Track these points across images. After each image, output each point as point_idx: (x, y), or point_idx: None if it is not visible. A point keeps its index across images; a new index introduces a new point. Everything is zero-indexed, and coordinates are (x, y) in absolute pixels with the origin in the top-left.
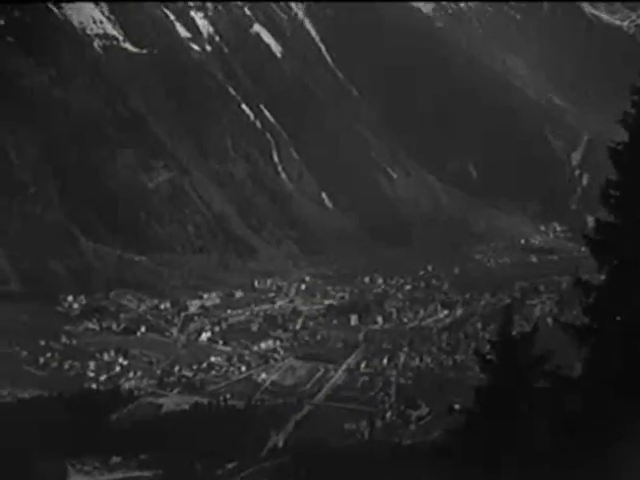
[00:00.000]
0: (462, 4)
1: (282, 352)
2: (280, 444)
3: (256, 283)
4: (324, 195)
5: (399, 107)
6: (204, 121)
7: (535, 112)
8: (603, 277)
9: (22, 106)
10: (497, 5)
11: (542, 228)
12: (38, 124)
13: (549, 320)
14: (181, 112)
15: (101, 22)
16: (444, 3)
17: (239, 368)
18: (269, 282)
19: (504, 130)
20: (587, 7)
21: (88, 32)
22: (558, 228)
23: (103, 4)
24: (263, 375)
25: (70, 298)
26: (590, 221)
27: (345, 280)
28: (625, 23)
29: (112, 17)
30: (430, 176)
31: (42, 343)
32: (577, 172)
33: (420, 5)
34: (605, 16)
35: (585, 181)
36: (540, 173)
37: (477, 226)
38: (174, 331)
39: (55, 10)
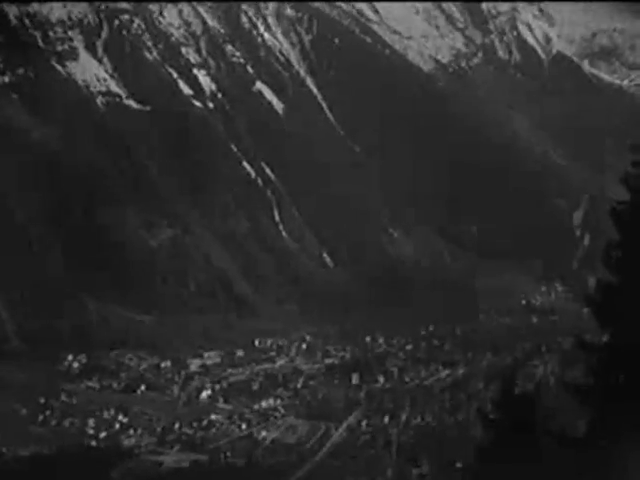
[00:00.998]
0: (463, 63)
1: (283, 410)
2: None
3: (257, 342)
4: (325, 254)
5: (401, 166)
6: (206, 178)
7: (537, 171)
8: (605, 338)
9: (26, 163)
10: (499, 64)
11: (544, 288)
12: (42, 181)
13: (551, 380)
14: (183, 169)
15: (105, 79)
16: (445, 62)
17: (239, 426)
18: (270, 341)
19: (506, 189)
20: (587, 66)
21: (92, 89)
22: (560, 288)
23: (107, 63)
24: (264, 433)
25: (70, 357)
26: (592, 281)
27: (346, 339)
28: (625, 82)
29: (115, 75)
30: (432, 235)
31: (42, 401)
32: (579, 232)
33: (421, 64)
34: (605, 75)
35: (587, 241)
36: (541, 233)
37: (479, 285)
38: (175, 389)
39: (59, 68)
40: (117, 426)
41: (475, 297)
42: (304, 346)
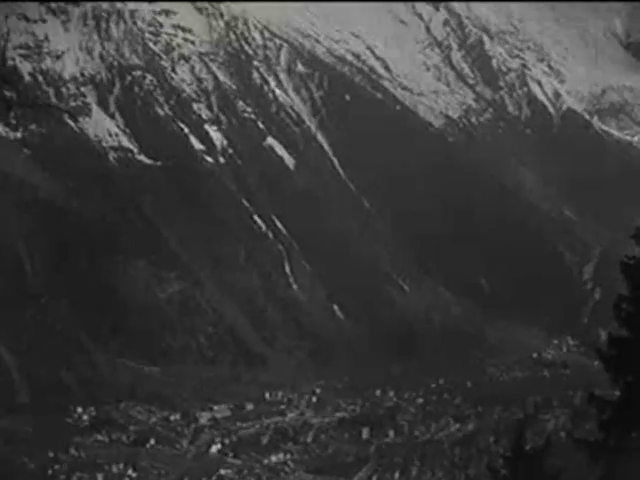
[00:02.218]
0: (473, 119)
1: (292, 465)
2: None
3: (267, 395)
4: (335, 306)
5: (411, 219)
6: (217, 232)
7: (547, 225)
8: (617, 392)
9: (37, 216)
10: (509, 120)
11: (555, 342)
12: (52, 234)
13: (562, 435)
14: (194, 223)
15: (116, 135)
16: (455, 118)
17: None
18: (280, 394)
19: (516, 243)
20: (597, 123)
21: (104, 144)
22: (571, 342)
23: (119, 118)
24: None
25: (80, 409)
26: (603, 335)
27: (356, 392)
28: (635, 138)
29: (127, 130)
30: (441, 288)
31: (51, 455)
32: (589, 285)
33: (432, 120)
34: (615, 131)
35: (597, 295)
36: (552, 286)
37: (489, 339)
38: (184, 443)
39: (71, 123)
40: None
41: (486, 351)
42: (314, 399)
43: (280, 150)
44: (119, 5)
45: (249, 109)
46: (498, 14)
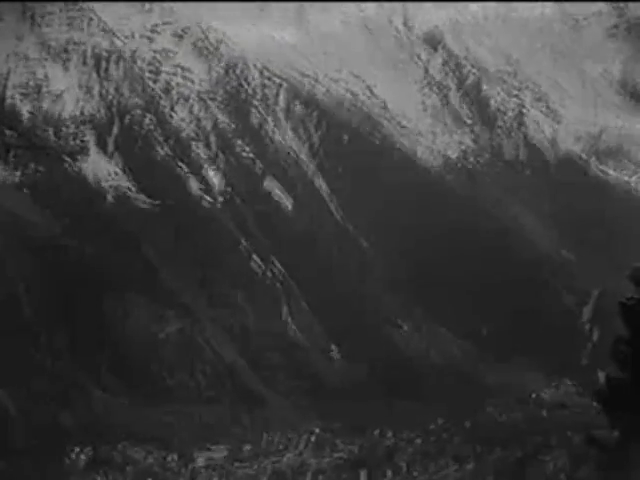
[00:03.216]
0: (471, 159)
1: None
2: None
3: (265, 435)
4: (334, 346)
5: (409, 260)
6: (215, 271)
7: (546, 266)
8: (616, 434)
9: (36, 255)
10: (507, 161)
11: (553, 383)
12: (51, 273)
13: (561, 476)
14: (192, 262)
15: (115, 174)
16: (453, 159)
17: None
18: (278, 434)
19: (515, 284)
20: (595, 164)
21: (102, 184)
22: (569, 383)
23: (118, 158)
24: None
25: (77, 450)
26: (601, 376)
27: (355, 433)
28: (633, 179)
29: (126, 170)
30: (441, 329)
31: None
32: (588, 327)
33: (430, 160)
34: (613, 172)
35: (596, 336)
36: (551, 327)
37: (488, 379)
38: None
39: (70, 162)
40: None
41: (484, 391)
42: (312, 439)
43: (278, 190)
44: (119, 45)
45: (247, 149)
46: (496, 55)
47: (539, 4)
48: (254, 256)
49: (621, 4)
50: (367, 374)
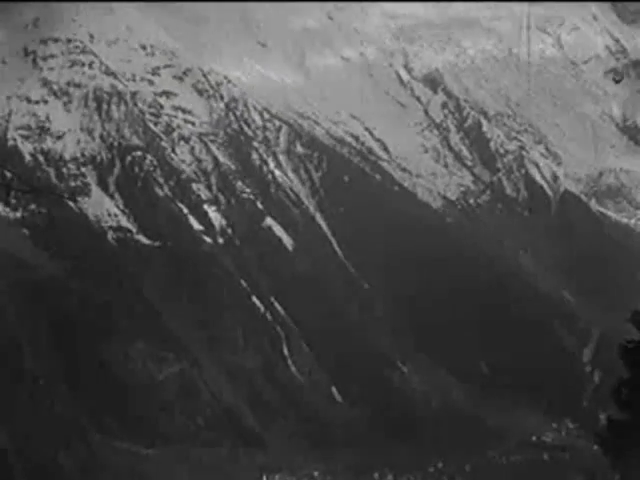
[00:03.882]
0: (471, 201)
1: None
2: None
3: (265, 478)
4: (334, 389)
5: (410, 302)
6: (215, 312)
7: (546, 308)
8: (617, 476)
9: (35, 296)
10: (507, 202)
11: (554, 425)
12: (51, 314)
13: None
14: (192, 303)
15: (116, 215)
16: (453, 200)
17: None
18: (278, 477)
19: (515, 325)
20: (595, 205)
21: (102, 224)
22: (570, 425)
23: (118, 199)
24: None
25: None
26: (602, 418)
27: (355, 475)
28: (632, 221)
29: (127, 210)
30: (441, 370)
31: None
32: (588, 369)
33: (430, 201)
34: (612, 214)
35: (597, 378)
36: (552, 369)
37: (489, 422)
38: None
39: (71, 203)
40: None
41: (485, 434)
42: None
43: (279, 231)
44: (120, 87)
45: (248, 190)
46: (496, 97)
47: (538, 47)
48: (254, 297)
49: (620, 48)
50: (367, 416)
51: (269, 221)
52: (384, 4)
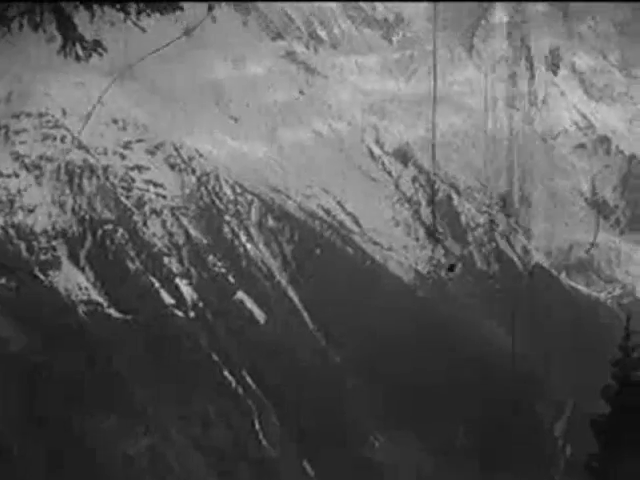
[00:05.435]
0: (443, 274)
1: None
2: None
3: None
4: (306, 463)
5: (381, 375)
6: (186, 386)
7: (518, 381)
8: None
9: (6, 370)
10: (478, 275)
11: None
12: (22, 388)
13: None
14: (163, 377)
15: (86, 288)
16: (424, 273)
17: None
18: None
19: (487, 398)
20: (565, 279)
21: (73, 298)
22: None
23: (89, 272)
24: None
25: None
26: None
27: None
28: (602, 294)
29: (97, 284)
30: (414, 443)
31: None
32: (561, 442)
33: (402, 274)
34: (583, 288)
35: (569, 452)
36: (524, 443)
37: None
38: None
39: (41, 276)
40: None
41: None
42: None
43: (250, 304)
44: (92, 161)
45: (220, 263)
46: (466, 172)
47: (507, 122)
48: (225, 372)
49: (587, 123)
50: None
51: (241, 295)
52: (356, 79)
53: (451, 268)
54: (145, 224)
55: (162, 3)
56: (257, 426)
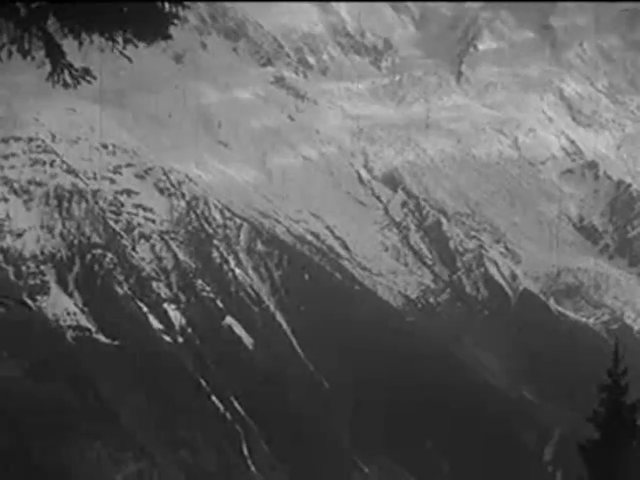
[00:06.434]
0: (431, 299)
1: None
2: None
3: None
4: None
5: (370, 400)
6: (174, 412)
7: (506, 406)
8: None
9: None
10: (466, 300)
11: None
12: (7, 413)
13: None
14: (151, 402)
15: (75, 314)
16: (413, 298)
17: None
18: None
19: (476, 424)
20: (553, 304)
21: (61, 323)
22: None
23: (77, 297)
24: None
25: None
26: None
27: None
28: (590, 320)
29: (86, 309)
30: (402, 471)
31: None
32: (550, 468)
33: (390, 299)
34: (571, 313)
35: (558, 478)
36: (512, 469)
37: None
38: None
39: (29, 302)
40: None
41: None
42: None
43: (239, 329)
44: (81, 185)
45: (208, 288)
46: (455, 197)
47: (495, 148)
48: (213, 397)
49: (575, 149)
50: None
51: (229, 320)
52: (345, 105)
53: None
54: (134, 248)
55: (149, 32)
56: (245, 452)
